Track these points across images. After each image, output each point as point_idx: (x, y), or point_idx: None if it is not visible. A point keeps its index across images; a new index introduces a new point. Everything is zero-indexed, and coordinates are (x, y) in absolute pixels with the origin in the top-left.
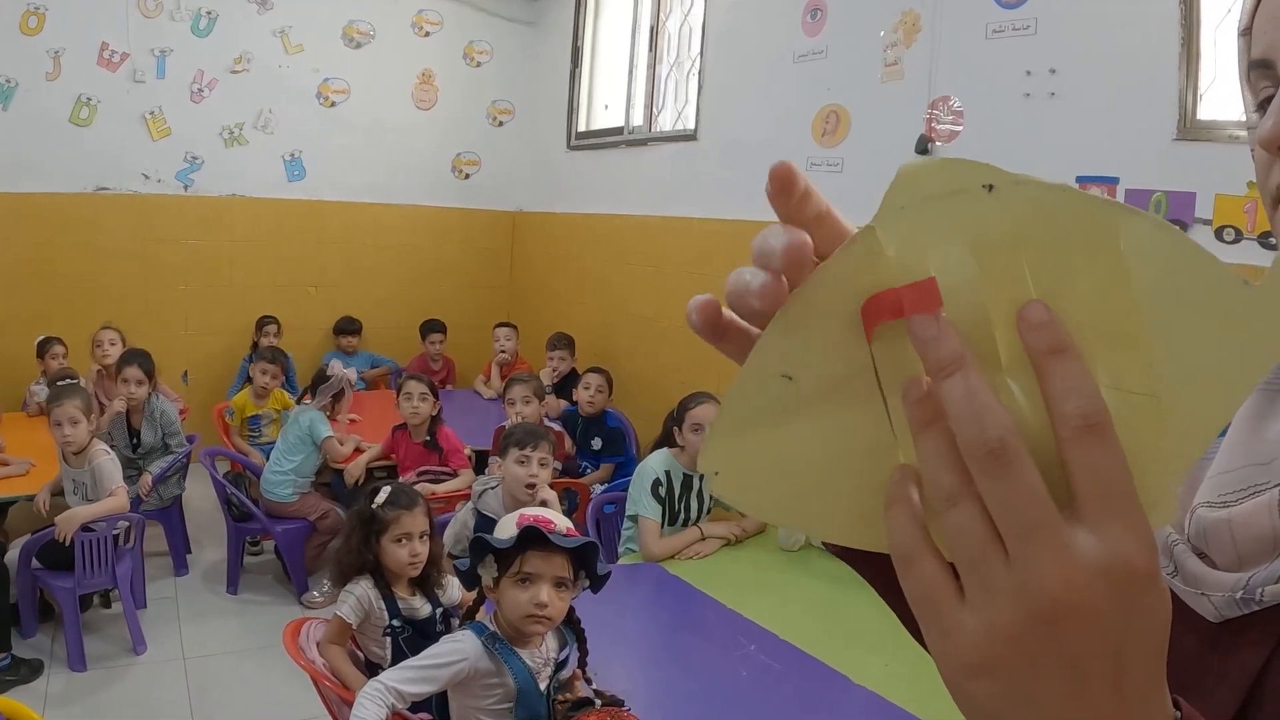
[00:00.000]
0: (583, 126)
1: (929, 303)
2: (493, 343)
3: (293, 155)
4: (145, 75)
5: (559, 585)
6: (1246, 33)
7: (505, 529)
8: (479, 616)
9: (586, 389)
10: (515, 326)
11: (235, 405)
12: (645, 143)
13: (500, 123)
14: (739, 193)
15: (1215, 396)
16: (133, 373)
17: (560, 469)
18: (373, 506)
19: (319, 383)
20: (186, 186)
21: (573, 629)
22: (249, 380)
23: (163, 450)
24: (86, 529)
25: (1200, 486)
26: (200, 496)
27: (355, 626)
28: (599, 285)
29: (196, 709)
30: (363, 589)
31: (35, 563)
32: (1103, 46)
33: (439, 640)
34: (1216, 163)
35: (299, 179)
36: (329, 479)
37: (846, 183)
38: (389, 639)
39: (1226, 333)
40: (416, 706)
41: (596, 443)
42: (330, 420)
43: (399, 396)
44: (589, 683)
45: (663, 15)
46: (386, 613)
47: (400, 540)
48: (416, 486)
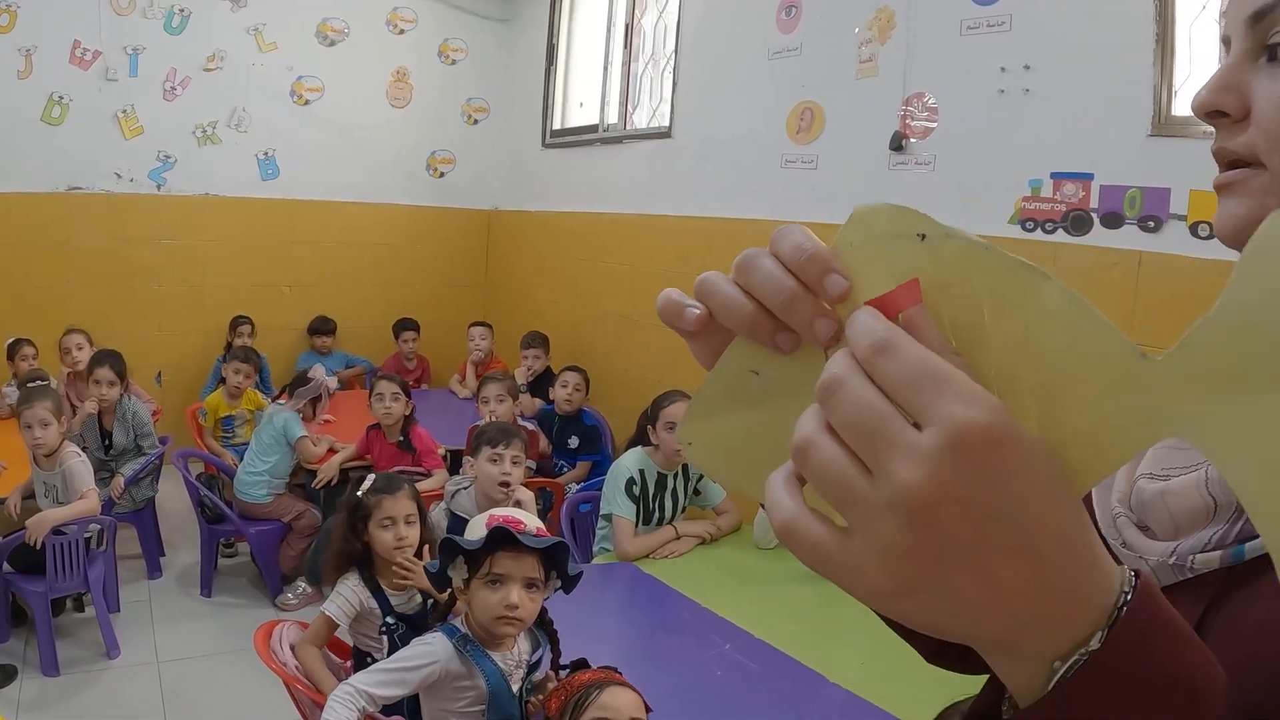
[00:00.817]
0: (558, 124)
1: (913, 298)
2: (468, 342)
3: (266, 154)
4: (118, 73)
5: (530, 586)
6: (1224, 14)
7: (475, 530)
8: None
9: (564, 388)
10: (490, 325)
11: (209, 406)
12: (620, 140)
13: (475, 121)
14: (714, 190)
15: (1102, 454)
16: (104, 374)
17: (536, 468)
18: (358, 494)
19: (298, 384)
20: (159, 186)
21: (545, 630)
22: (223, 381)
23: (135, 452)
24: (58, 532)
25: (1145, 457)
26: (173, 498)
27: (343, 626)
28: (574, 284)
29: (171, 713)
30: (350, 587)
31: (6, 567)
32: (1077, 42)
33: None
34: (1191, 158)
35: (273, 178)
36: (303, 480)
37: (821, 179)
38: (385, 636)
39: (1119, 399)
40: (390, 709)
41: (573, 441)
42: (305, 422)
43: (371, 397)
44: None
45: (638, 12)
46: (380, 610)
47: (385, 524)
48: None
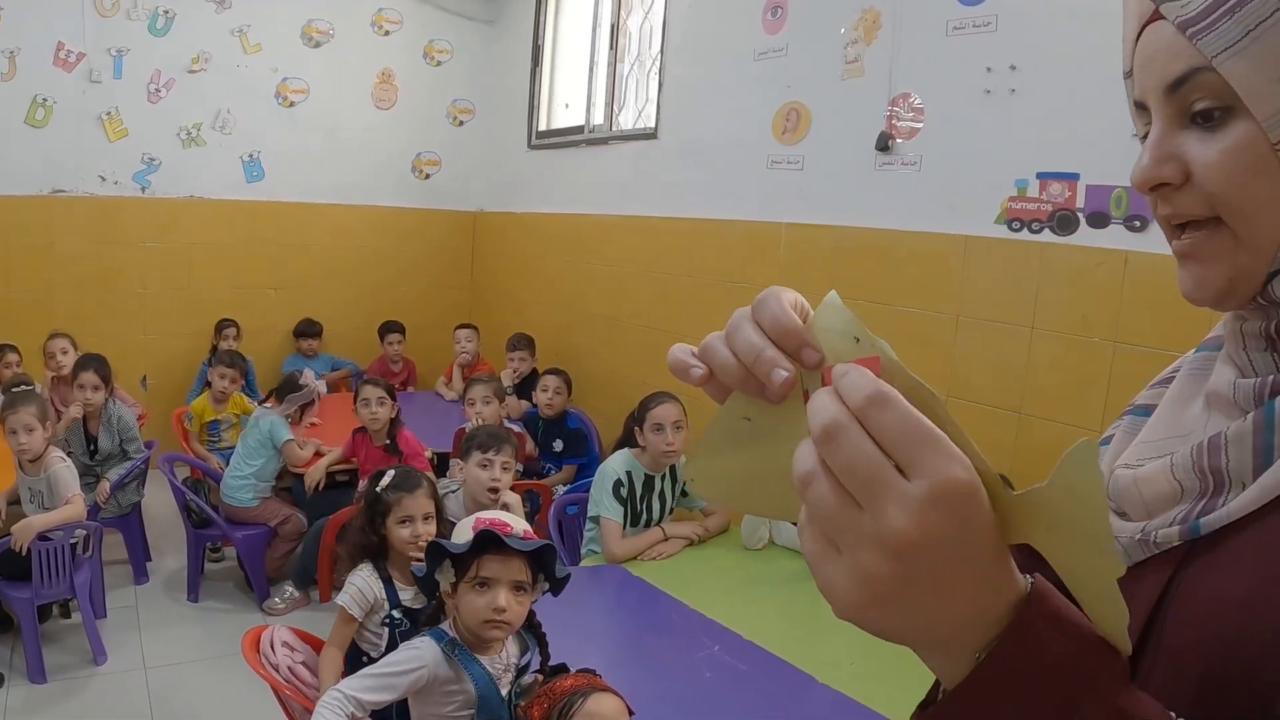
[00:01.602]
0: (543, 126)
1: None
2: (454, 344)
3: (251, 156)
4: (102, 75)
5: (517, 589)
6: (1129, 75)
7: (461, 533)
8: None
9: (544, 391)
10: (476, 327)
11: (194, 410)
12: (606, 141)
13: (461, 122)
14: (700, 191)
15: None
16: (89, 378)
17: (522, 471)
18: (377, 490)
19: (289, 388)
20: (144, 188)
21: (534, 633)
22: (208, 385)
23: (121, 456)
24: (43, 538)
25: (1125, 452)
26: (159, 503)
27: (360, 619)
28: (560, 285)
29: (158, 719)
30: (363, 578)
31: None
32: (1063, 43)
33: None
34: None
35: (258, 180)
36: (290, 484)
37: (807, 180)
38: (387, 629)
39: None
40: (379, 715)
41: (558, 444)
42: (291, 426)
43: (357, 402)
44: None
45: (623, 14)
46: (388, 602)
47: (404, 522)
48: None
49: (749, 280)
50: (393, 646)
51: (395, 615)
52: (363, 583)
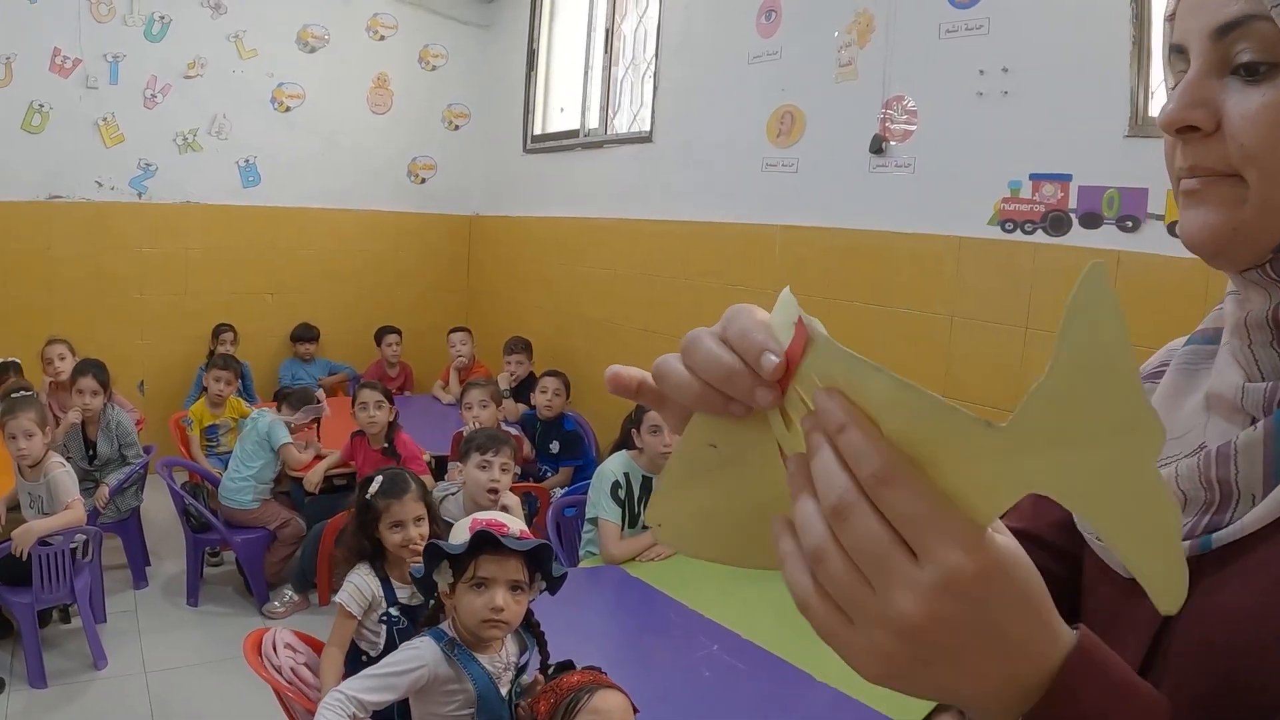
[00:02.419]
0: (538, 129)
1: (801, 338)
2: (449, 348)
3: (247, 161)
4: (98, 81)
5: (514, 589)
6: (1171, 18)
7: (458, 534)
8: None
9: (544, 393)
10: (470, 331)
11: (194, 415)
12: (601, 145)
13: (456, 126)
14: (695, 195)
15: (976, 510)
16: (88, 383)
17: (520, 473)
18: (366, 497)
19: (296, 398)
20: (140, 194)
21: (532, 632)
22: (205, 389)
23: (119, 461)
24: (43, 543)
25: None
26: (158, 508)
27: (358, 617)
28: (555, 288)
29: None
30: (360, 576)
31: None
32: (1055, 45)
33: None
34: None
35: (254, 185)
36: (288, 487)
37: (802, 183)
38: (384, 627)
39: (970, 468)
40: (380, 714)
41: (555, 446)
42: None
43: (355, 406)
44: None
45: (618, 17)
46: (385, 600)
47: (394, 527)
48: None
49: (744, 283)
50: (391, 644)
51: (393, 613)
52: (360, 581)
